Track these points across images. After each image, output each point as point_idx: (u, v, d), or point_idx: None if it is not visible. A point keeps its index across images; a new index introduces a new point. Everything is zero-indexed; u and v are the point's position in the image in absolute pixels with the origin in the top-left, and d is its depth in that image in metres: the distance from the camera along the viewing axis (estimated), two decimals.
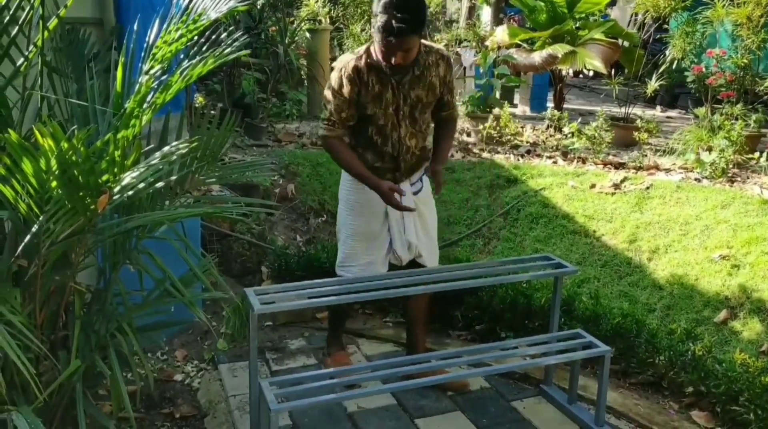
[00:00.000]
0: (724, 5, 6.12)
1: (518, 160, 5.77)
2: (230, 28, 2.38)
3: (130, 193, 2.02)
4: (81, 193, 1.95)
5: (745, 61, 6.06)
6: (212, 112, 5.44)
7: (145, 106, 2.04)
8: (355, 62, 2.81)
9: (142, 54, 2.24)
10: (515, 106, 8.95)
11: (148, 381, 2.55)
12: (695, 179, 5.02)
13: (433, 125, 3.10)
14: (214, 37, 2.18)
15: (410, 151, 2.93)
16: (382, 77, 2.79)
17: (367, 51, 2.81)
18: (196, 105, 5.73)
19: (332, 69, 2.94)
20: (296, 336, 3.68)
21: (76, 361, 2.16)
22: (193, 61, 2.06)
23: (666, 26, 7.91)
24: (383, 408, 3.00)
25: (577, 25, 7.59)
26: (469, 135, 6.64)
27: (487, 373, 3.17)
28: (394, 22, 2.57)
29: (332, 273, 3.16)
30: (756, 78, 6.15)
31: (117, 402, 2.43)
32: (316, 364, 3.37)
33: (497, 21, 9.29)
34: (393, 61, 2.69)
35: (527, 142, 6.36)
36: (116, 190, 1.98)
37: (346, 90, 2.81)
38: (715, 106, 6.09)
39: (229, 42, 2.15)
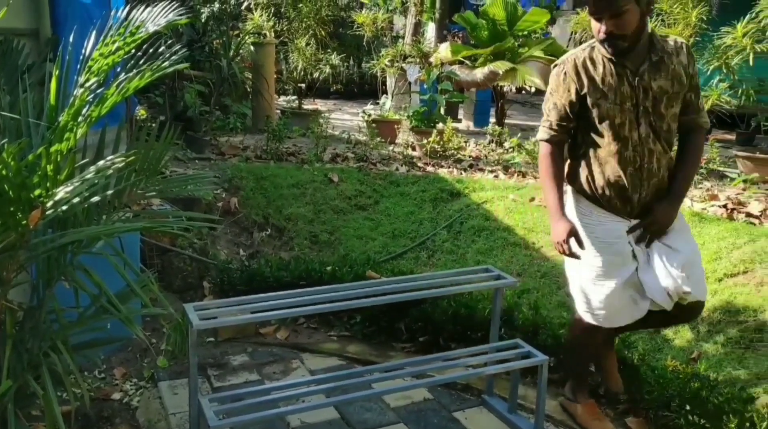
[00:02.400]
0: (656, 25, 6.38)
1: (461, 174, 5.87)
2: (170, 41, 2.37)
3: (64, 207, 1.98)
4: (12, 208, 1.91)
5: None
6: (153, 124, 5.36)
7: (80, 119, 2.01)
8: (577, 55, 2.55)
9: (78, 66, 2.21)
10: (459, 121, 9.11)
11: (84, 400, 2.49)
12: None
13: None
14: (152, 50, 2.16)
15: (654, 157, 2.52)
16: (614, 67, 2.46)
17: (592, 45, 2.55)
18: (138, 118, 5.64)
19: (551, 70, 2.69)
20: (239, 351, 3.64)
21: (7, 382, 2.10)
22: (130, 74, 2.04)
23: None
24: (326, 422, 2.99)
25: (518, 42, 7.80)
26: (413, 149, 6.71)
27: (429, 384, 3.20)
28: None
29: (276, 287, 3.15)
30: None
31: (51, 423, 2.36)
32: (259, 380, 3.34)
33: (441, 38, 9.45)
34: (604, 32, 2.38)
35: (470, 157, 6.47)
36: (49, 204, 1.94)
37: (568, 87, 2.54)
38: None
39: (167, 55, 2.13)
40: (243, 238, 4.64)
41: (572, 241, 2.57)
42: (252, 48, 7.44)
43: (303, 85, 8.45)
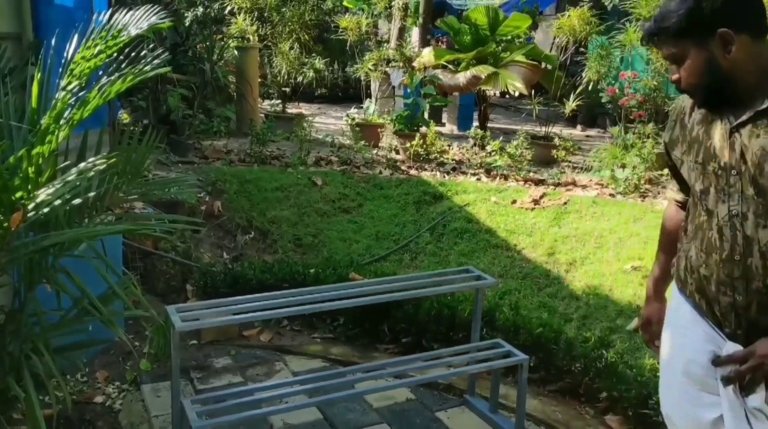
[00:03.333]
0: (636, 30, 6.47)
1: (444, 177, 5.91)
2: (153, 45, 2.38)
3: (46, 210, 1.99)
4: None
5: (655, 83, 6.42)
6: (135, 128, 5.35)
7: (61, 122, 2.02)
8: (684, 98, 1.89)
9: (60, 70, 2.22)
10: (443, 124, 9.17)
11: (66, 403, 2.50)
12: (610, 195, 5.27)
13: None
14: (135, 53, 2.18)
15: (755, 249, 1.65)
16: (708, 116, 1.77)
17: None
18: (121, 121, 5.63)
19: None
20: (222, 354, 3.64)
21: None
22: (113, 78, 2.06)
23: (583, 50, 8.30)
24: (310, 423, 3.01)
25: (500, 47, 7.87)
26: (397, 152, 6.75)
27: (411, 384, 3.23)
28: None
29: (259, 290, 3.16)
30: (666, 99, 6.52)
31: (32, 426, 2.36)
32: (242, 382, 3.35)
33: (425, 42, 9.50)
34: (672, 80, 1.78)
35: (453, 160, 6.52)
36: (30, 206, 1.94)
37: (665, 136, 1.97)
38: (629, 125, 6.42)
39: (150, 59, 2.15)
40: (226, 241, 4.65)
41: (644, 335, 2.10)
42: (236, 52, 7.45)
43: (287, 89, 8.47)
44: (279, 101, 8.48)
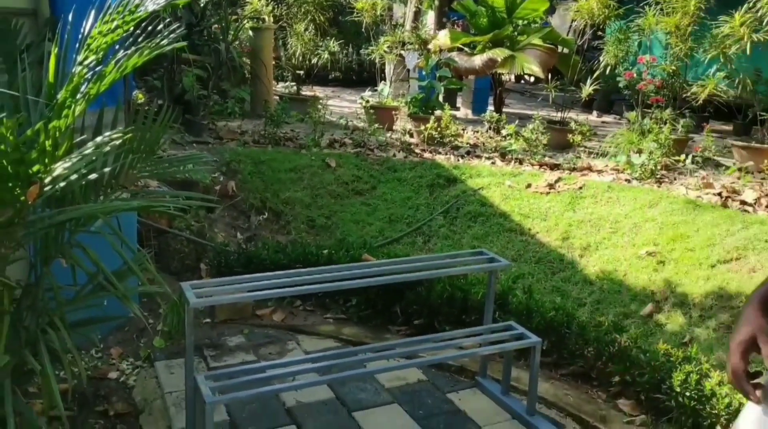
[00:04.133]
0: (655, 14, 6.38)
1: (458, 160, 5.88)
2: (168, 20, 2.37)
3: (62, 184, 1.99)
4: (10, 184, 1.92)
5: (674, 68, 6.34)
6: (150, 108, 5.35)
7: (78, 96, 2.02)
8: None
9: (77, 45, 2.22)
10: (458, 109, 9.11)
11: (81, 378, 2.52)
12: (625, 180, 5.22)
13: None
14: (150, 28, 2.17)
15: None
16: None
17: None
18: (136, 101, 5.63)
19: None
20: (235, 333, 3.66)
21: (4, 357, 2.12)
22: (129, 52, 2.05)
23: (601, 33, 8.20)
24: (321, 402, 3.03)
25: (517, 30, 7.79)
26: (411, 135, 6.72)
27: (423, 363, 3.23)
28: None
29: (273, 270, 3.16)
30: (684, 84, 6.44)
31: (48, 400, 2.39)
32: (255, 361, 3.36)
33: (440, 25, 9.43)
34: None
35: (467, 144, 6.49)
36: (47, 180, 1.95)
37: None
38: (646, 110, 6.35)
39: (166, 33, 2.14)
40: (240, 221, 4.66)
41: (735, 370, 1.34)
42: (251, 33, 7.43)
43: (301, 72, 8.44)
44: (293, 83, 8.46)
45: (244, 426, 2.81)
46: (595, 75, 7.08)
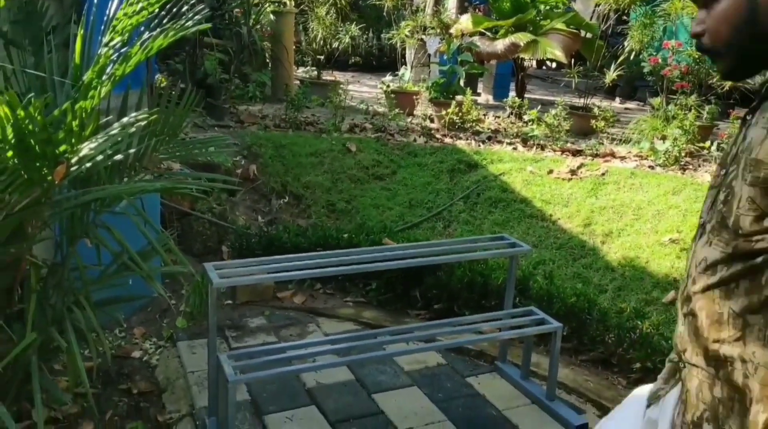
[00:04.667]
0: None
1: (479, 145, 5.85)
2: (192, 2, 2.37)
3: (88, 164, 2.02)
4: (38, 163, 1.94)
5: (700, 53, 6.23)
6: (173, 92, 5.38)
7: (104, 77, 2.03)
8: None
9: (102, 27, 2.23)
10: (478, 94, 9.04)
11: (106, 357, 2.56)
12: (649, 167, 5.17)
13: None
14: (175, 10, 2.18)
15: (691, 282, 1.21)
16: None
17: None
18: (159, 84, 5.67)
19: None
20: (256, 315, 3.69)
21: (31, 334, 2.16)
22: (154, 33, 2.06)
23: (626, 18, 8.08)
24: (342, 383, 3.05)
25: (540, 15, 7.70)
26: (432, 120, 6.70)
27: (443, 346, 3.24)
28: None
29: (293, 253, 3.18)
30: (710, 71, 6.33)
31: (73, 377, 2.43)
32: (276, 342, 3.39)
33: (462, 9, 9.35)
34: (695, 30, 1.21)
35: (488, 129, 6.45)
36: (74, 160, 1.97)
37: None
38: (671, 97, 6.26)
39: (190, 15, 2.15)
40: (261, 204, 4.69)
41: None
42: (272, 17, 7.42)
43: (322, 57, 8.43)
44: (313, 68, 8.45)
45: (265, 406, 2.85)
46: (619, 60, 6.99)
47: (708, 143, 5.59)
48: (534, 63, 11.01)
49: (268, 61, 7.67)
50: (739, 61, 1.21)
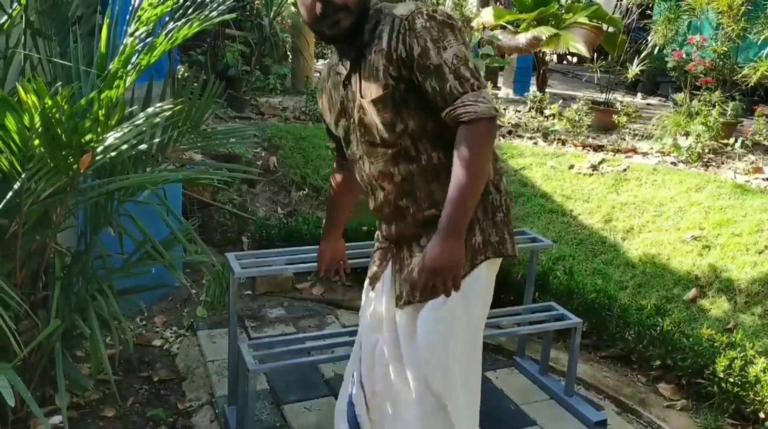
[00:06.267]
0: None
1: (500, 139, 5.82)
2: None
3: (113, 153, 2.04)
4: (64, 152, 1.97)
5: (725, 49, 6.14)
6: (195, 84, 5.41)
7: (129, 67, 2.05)
8: (329, 62, 1.99)
9: (127, 17, 2.25)
10: (499, 88, 9.00)
11: (127, 344, 2.59)
12: (671, 163, 5.11)
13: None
14: (200, 0, 2.19)
15: (382, 195, 1.85)
16: (334, 74, 1.88)
17: None
18: (180, 76, 5.70)
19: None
20: (275, 305, 3.72)
21: (55, 321, 2.19)
22: (179, 23, 2.07)
23: (649, 12, 7.98)
24: None
25: (562, 8, 7.63)
26: None
27: None
28: None
29: (313, 244, 3.19)
30: (735, 66, 6.24)
31: (96, 363, 2.47)
32: (295, 333, 3.41)
33: (483, 2, 9.28)
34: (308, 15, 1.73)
35: (509, 123, 6.41)
36: (99, 149, 1.99)
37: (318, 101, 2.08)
38: (694, 92, 6.18)
39: (214, 6, 2.16)
40: (281, 196, 4.70)
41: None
42: (293, 8, 7.41)
43: None
44: None
45: (284, 395, 2.87)
46: (642, 55, 6.91)
47: (732, 140, 5.51)
48: (555, 57, 10.91)
49: (288, 53, 7.68)
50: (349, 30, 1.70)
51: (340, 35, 1.71)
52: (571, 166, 5.02)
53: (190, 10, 2.15)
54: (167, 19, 2.21)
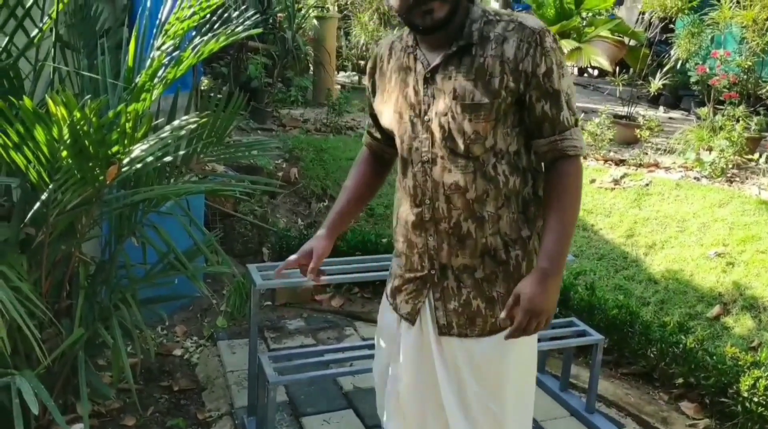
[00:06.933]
0: (731, 7, 6.14)
1: None
2: (243, 7, 2.42)
3: (139, 165, 2.07)
4: (91, 163, 2.00)
5: (749, 63, 6.09)
6: (219, 95, 5.47)
7: (156, 80, 2.08)
8: (388, 39, 1.79)
9: (154, 31, 2.29)
10: None
11: (149, 354, 2.62)
12: (695, 178, 5.06)
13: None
14: (226, 15, 2.22)
15: (445, 208, 1.63)
16: (406, 58, 1.67)
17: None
18: (203, 88, 5.77)
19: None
20: (295, 316, 3.73)
21: (79, 330, 2.21)
22: (206, 38, 2.10)
23: (672, 26, 7.94)
24: None
25: (584, 22, 7.63)
26: None
27: None
28: None
29: (331, 257, 3.19)
30: (759, 81, 6.18)
31: (117, 372, 2.49)
32: (314, 344, 3.42)
33: None
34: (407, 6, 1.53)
35: None
36: (125, 161, 2.02)
37: (366, 82, 1.87)
38: (718, 107, 6.12)
39: (240, 20, 2.19)
40: (301, 207, 4.73)
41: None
42: (315, 22, 7.48)
43: (363, 62, 8.47)
44: (354, 73, 8.50)
45: (303, 407, 2.87)
46: (665, 69, 6.87)
47: (756, 155, 5.45)
48: (576, 70, 10.88)
49: (310, 65, 7.74)
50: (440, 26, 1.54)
51: (434, 26, 1.54)
52: (593, 181, 4.99)
53: (216, 25, 2.18)
54: (193, 33, 2.24)
